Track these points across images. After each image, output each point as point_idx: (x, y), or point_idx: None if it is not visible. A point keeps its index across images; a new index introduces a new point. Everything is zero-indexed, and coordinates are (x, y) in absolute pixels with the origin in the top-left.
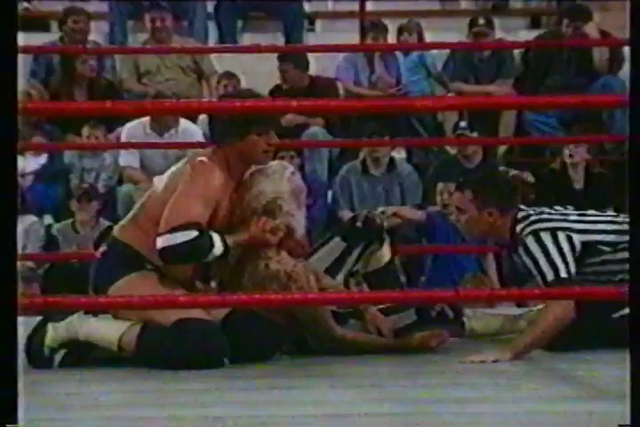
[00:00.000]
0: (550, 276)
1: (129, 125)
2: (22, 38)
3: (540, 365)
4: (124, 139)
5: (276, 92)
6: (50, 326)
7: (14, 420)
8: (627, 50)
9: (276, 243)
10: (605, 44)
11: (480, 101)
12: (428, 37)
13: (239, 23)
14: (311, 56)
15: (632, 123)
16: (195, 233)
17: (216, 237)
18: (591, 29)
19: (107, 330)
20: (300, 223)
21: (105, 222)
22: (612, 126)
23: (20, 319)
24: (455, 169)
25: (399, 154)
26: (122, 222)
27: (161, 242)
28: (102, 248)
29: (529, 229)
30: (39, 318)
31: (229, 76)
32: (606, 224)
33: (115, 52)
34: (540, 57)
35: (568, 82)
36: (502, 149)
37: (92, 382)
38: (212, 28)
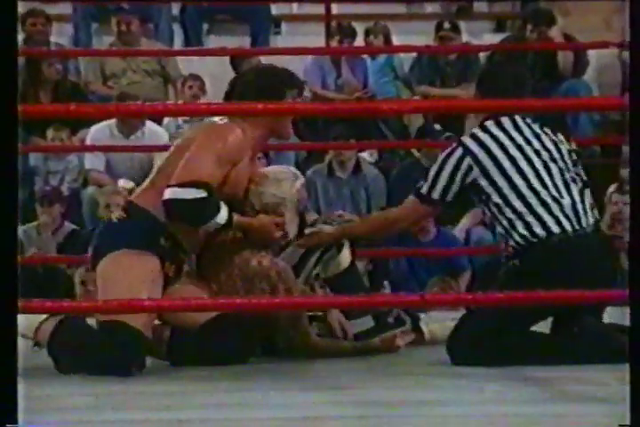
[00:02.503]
0: (425, 189)
1: (95, 127)
2: None
3: (502, 367)
4: (89, 141)
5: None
6: None
7: (14, 420)
8: (591, 53)
9: (276, 241)
10: (571, 47)
11: (446, 104)
12: (394, 40)
13: (205, 26)
14: (277, 59)
15: (632, 123)
16: (203, 193)
17: (223, 206)
18: (555, 33)
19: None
20: (292, 232)
21: (70, 226)
22: (577, 130)
23: None
24: (419, 172)
25: (371, 156)
26: (141, 187)
27: (167, 194)
28: (117, 214)
29: (462, 139)
30: None
31: (194, 78)
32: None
33: (81, 55)
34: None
35: (533, 85)
36: None
37: (50, 384)
38: (177, 30)
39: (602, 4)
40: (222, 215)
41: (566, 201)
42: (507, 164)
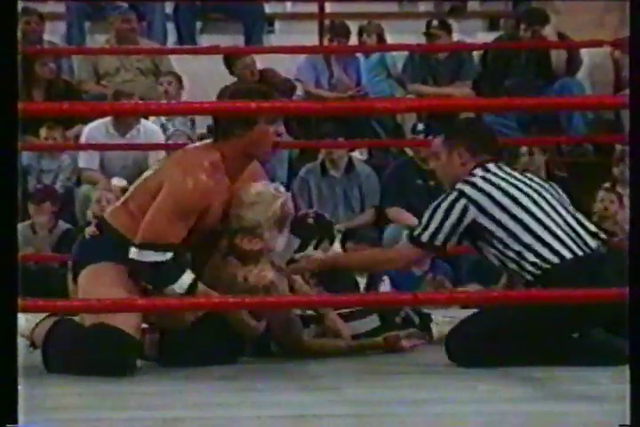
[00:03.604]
0: (417, 232)
1: (90, 126)
2: None
3: (496, 366)
4: (84, 139)
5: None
6: None
7: (14, 420)
8: (583, 52)
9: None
10: (563, 46)
11: (439, 103)
12: (388, 39)
13: (198, 25)
14: (271, 58)
15: (632, 123)
16: (164, 257)
17: (187, 273)
18: (549, 32)
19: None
20: (278, 245)
21: (65, 225)
22: (570, 128)
23: None
24: (412, 171)
25: (361, 155)
26: (115, 205)
27: (131, 253)
28: (91, 229)
29: (457, 186)
30: None
31: (169, 74)
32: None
33: (74, 53)
34: (498, 59)
35: (526, 84)
36: None
37: (43, 384)
38: (170, 29)
39: (593, 3)
40: (183, 282)
41: (567, 226)
42: (504, 200)
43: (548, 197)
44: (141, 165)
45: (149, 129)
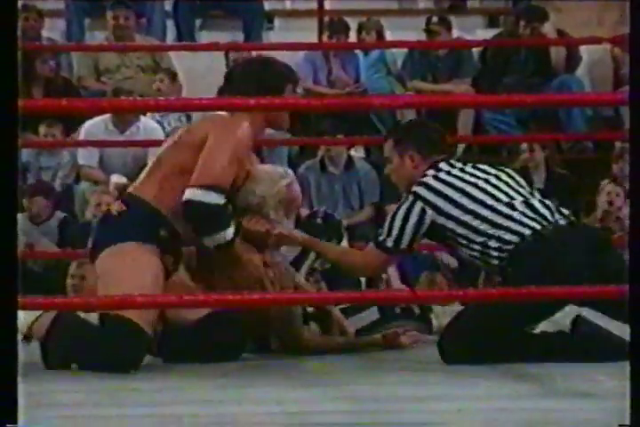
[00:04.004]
0: (381, 238)
1: (89, 123)
2: None
3: (496, 364)
4: (82, 136)
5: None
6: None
7: (14, 420)
8: (582, 49)
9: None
10: (563, 43)
11: (438, 100)
12: (387, 36)
13: (198, 22)
14: (270, 54)
15: (632, 123)
16: (222, 200)
17: (232, 223)
18: (548, 29)
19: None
20: (285, 230)
21: (62, 214)
22: (570, 125)
23: None
24: None
25: (357, 152)
26: (139, 180)
27: (190, 194)
28: (118, 205)
29: (412, 189)
30: None
31: (164, 72)
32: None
33: (74, 50)
34: (497, 56)
35: (526, 81)
36: (460, 147)
37: (42, 380)
38: (170, 26)
39: (593, 1)
40: (230, 231)
41: (522, 205)
42: (456, 195)
43: (498, 183)
44: (141, 161)
45: (149, 126)
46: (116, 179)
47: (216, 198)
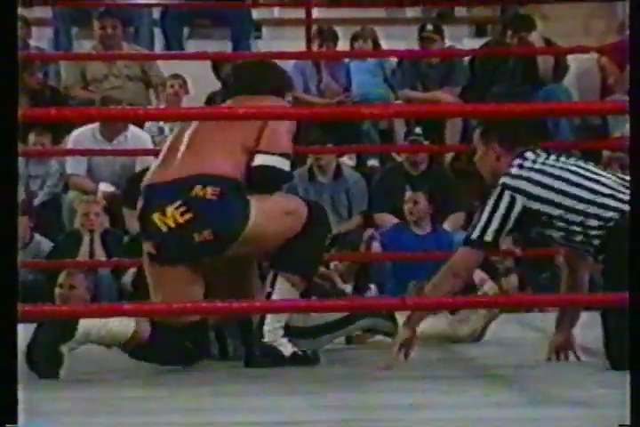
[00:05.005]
0: (476, 235)
1: (77, 132)
2: None
3: (483, 371)
4: (70, 145)
5: (214, 98)
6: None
7: (14, 420)
8: (570, 58)
9: None
10: (550, 52)
11: (427, 109)
12: None
13: (186, 30)
14: None
15: (632, 123)
16: (288, 167)
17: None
18: (535, 38)
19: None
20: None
21: (40, 238)
22: (557, 134)
23: None
24: (401, 176)
25: (350, 160)
26: (181, 161)
27: (262, 160)
28: (213, 189)
29: (500, 181)
30: None
31: (175, 77)
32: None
33: (61, 59)
34: (485, 65)
35: (514, 90)
36: (449, 156)
37: (30, 389)
38: (158, 35)
39: (580, 9)
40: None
41: (615, 183)
42: (546, 179)
43: (586, 166)
44: (129, 171)
45: (137, 135)
46: (105, 188)
47: (287, 165)
